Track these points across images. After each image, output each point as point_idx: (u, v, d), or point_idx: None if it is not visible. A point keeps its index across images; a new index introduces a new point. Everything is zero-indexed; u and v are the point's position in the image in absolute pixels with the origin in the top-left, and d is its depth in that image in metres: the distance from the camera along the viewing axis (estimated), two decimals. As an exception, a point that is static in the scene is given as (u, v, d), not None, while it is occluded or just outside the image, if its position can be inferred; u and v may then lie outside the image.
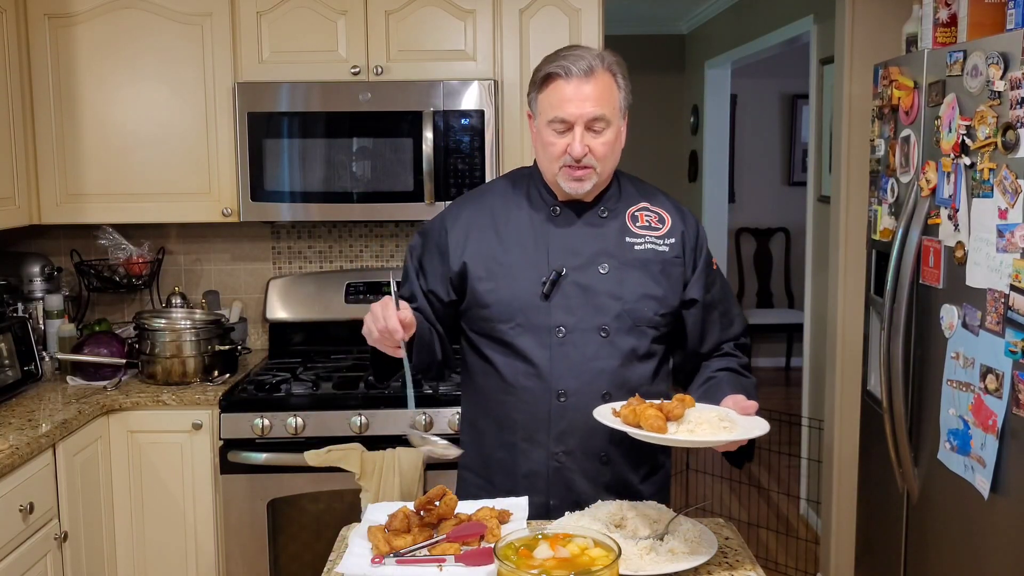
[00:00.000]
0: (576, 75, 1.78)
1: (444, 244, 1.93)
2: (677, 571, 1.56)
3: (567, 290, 1.86)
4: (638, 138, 7.05)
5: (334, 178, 3.10)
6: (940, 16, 2.54)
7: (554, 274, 1.85)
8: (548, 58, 1.84)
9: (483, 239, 1.91)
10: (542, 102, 1.83)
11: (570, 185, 1.84)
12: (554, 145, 1.82)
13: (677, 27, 7.16)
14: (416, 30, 3.11)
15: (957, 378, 2.28)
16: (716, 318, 1.97)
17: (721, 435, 1.60)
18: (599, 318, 1.86)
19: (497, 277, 1.88)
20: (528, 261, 1.88)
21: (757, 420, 1.69)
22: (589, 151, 1.80)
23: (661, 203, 1.97)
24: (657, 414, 1.61)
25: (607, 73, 1.81)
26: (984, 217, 2.16)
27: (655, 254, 1.90)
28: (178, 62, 3.09)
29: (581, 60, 1.79)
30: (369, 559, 1.59)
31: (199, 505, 2.93)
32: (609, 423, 1.64)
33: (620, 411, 1.68)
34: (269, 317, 3.43)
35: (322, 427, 2.86)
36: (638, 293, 1.87)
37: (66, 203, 3.13)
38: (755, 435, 1.62)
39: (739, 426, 1.65)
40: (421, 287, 1.96)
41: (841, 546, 3.69)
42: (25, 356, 2.93)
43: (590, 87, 1.78)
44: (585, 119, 1.78)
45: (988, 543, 2.21)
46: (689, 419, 1.63)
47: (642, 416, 1.61)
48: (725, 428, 1.62)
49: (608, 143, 1.82)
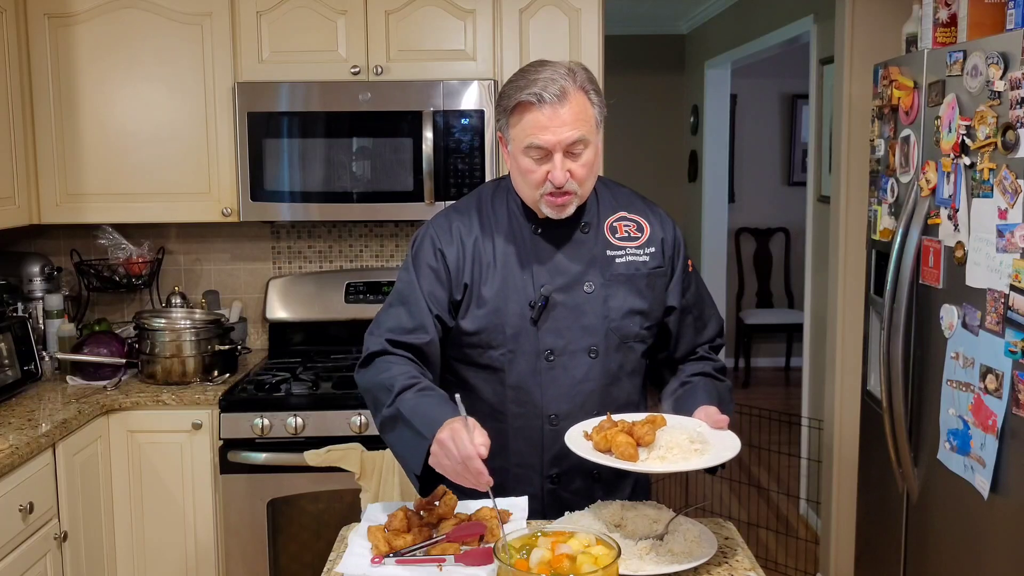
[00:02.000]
0: (549, 101, 1.69)
1: (442, 267, 1.83)
2: (677, 571, 1.56)
3: (555, 313, 1.81)
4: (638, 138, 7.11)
5: (334, 178, 3.10)
6: (940, 16, 2.54)
7: (542, 300, 1.80)
8: (515, 82, 1.75)
9: (475, 262, 1.84)
10: (515, 129, 1.75)
11: (552, 212, 1.79)
12: (533, 173, 1.74)
13: (677, 27, 7.16)
14: (416, 30, 3.11)
15: (957, 378, 2.28)
16: (691, 322, 1.94)
17: (692, 461, 1.57)
18: (588, 339, 1.83)
19: (486, 303, 1.82)
20: (515, 285, 1.82)
21: (729, 437, 1.67)
22: (570, 175, 1.73)
23: (638, 210, 1.92)
24: (628, 440, 1.58)
25: (580, 92, 1.73)
26: (984, 217, 2.16)
27: (637, 266, 1.86)
28: (178, 62, 3.09)
29: (552, 84, 1.70)
30: (369, 559, 1.59)
31: (199, 505, 2.93)
32: (583, 454, 1.60)
33: (592, 435, 1.65)
34: (269, 317, 3.43)
35: (322, 427, 2.86)
36: (623, 310, 1.84)
37: (66, 203, 3.13)
38: (726, 458, 1.59)
39: (711, 445, 1.62)
40: (431, 314, 1.81)
41: (841, 546, 3.69)
42: (25, 356, 2.93)
43: (565, 111, 1.70)
44: (564, 145, 1.71)
45: (988, 543, 2.21)
46: (660, 443, 1.61)
47: (613, 442, 1.59)
48: (696, 451, 1.59)
49: (588, 164, 1.76)
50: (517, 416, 1.84)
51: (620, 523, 1.67)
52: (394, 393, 1.71)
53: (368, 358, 1.81)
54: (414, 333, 1.80)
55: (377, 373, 1.78)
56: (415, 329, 1.80)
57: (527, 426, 1.84)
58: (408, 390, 1.71)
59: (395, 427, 1.71)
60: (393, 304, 1.85)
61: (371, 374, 1.79)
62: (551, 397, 1.82)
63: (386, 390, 1.73)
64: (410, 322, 1.81)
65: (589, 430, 1.68)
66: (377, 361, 1.79)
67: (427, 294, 1.82)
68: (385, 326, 1.82)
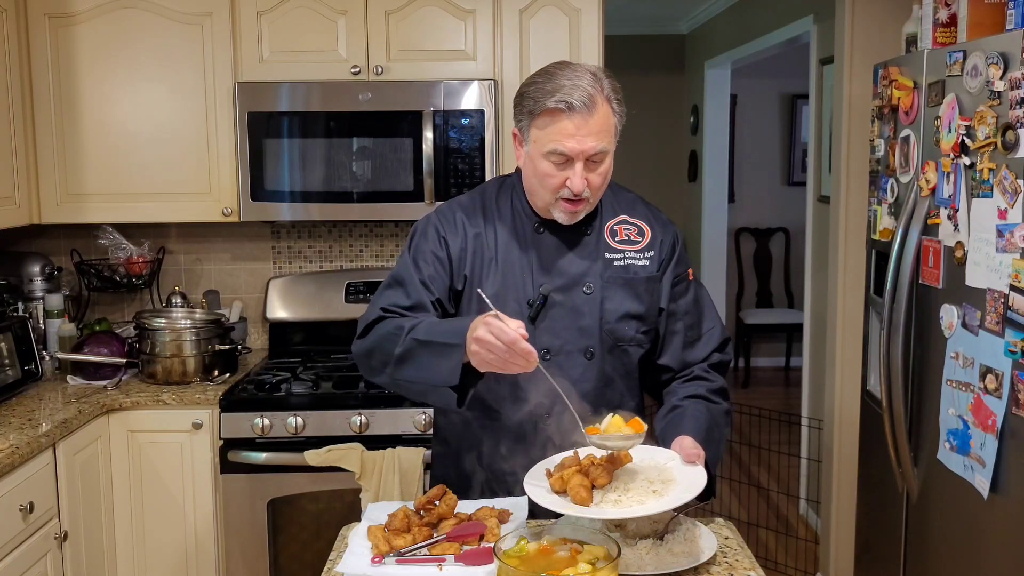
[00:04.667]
0: (578, 109, 1.68)
1: (444, 254, 1.84)
2: (677, 571, 1.56)
3: (553, 312, 1.82)
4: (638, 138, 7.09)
5: (334, 178, 3.10)
6: (940, 16, 2.54)
7: (541, 299, 1.81)
8: (540, 85, 1.73)
9: (476, 256, 1.84)
10: (538, 132, 1.74)
11: (565, 217, 1.79)
12: (552, 177, 1.74)
13: (677, 27, 7.16)
14: (416, 30, 3.11)
15: (957, 378, 2.29)
16: (680, 330, 1.90)
17: (648, 505, 1.52)
18: (584, 340, 1.83)
19: (483, 299, 1.82)
20: (514, 283, 1.83)
21: (695, 474, 1.61)
22: (587, 184, 1.74)
23: (640, 214, 1.92)
24: (583, 483, 1.55)
25: (606, 103, 1.72)
26: (984, 217, 2.16)
27: (636, 270, 1.86)
28: (178, 62, 3.09)
29: (580, 91, 1.69)
30: (369, 559, 1.59)
31: (199, 505, 2.93)
32: (537, 499, 1.56)
33: (552, 474, 1.62)
34: (269, 317, 3.43)
35: (322, 427, 2.86)
36: (620, 312, 1.84)
37: (66, 203, 3.13)
38: (684, 500, 1.53)
39: (675, 484, 1.59)
40: (431, 295, 1.82)
41: (841, 546, 3.70)
42: (25, 356, 2.93)
43: (593, 121, 1.70)
44: (587, 155, 1.71)
45: (988, 543, 2.21)
46: (618, 484, 1.57)
47: (568, 484, 1.56)
48: (655, 492, 1.55)
49: (604, 173, 1.77)
50: (511, 414, 1.84)
51: (620, 523, 1.67)
52: (404, 334, 1.69)
53: (365, 328, 1.80)
54: (413, 311, 1.78)
55: (380, 328, 1.76)
56: (413, 307, 1.79)
57: (517, 423, 1.84)
58: (419, 326, 1.69)
59: (413, 357, 1.68)
60: (391, 285, 1.84)
61: (372, 334, 1.77)
62: (541, 395, 1.80)
63: (393, 336, 1.71)
64: (407, 301, 1.80)
65: (551, 467, 1.65)
66: (376, 326, 1.78)
67: (427, 277, 1.81)
68: (380, 304, 1.82)
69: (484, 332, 1.54)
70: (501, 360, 1.54)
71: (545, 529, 1.52)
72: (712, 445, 1.76)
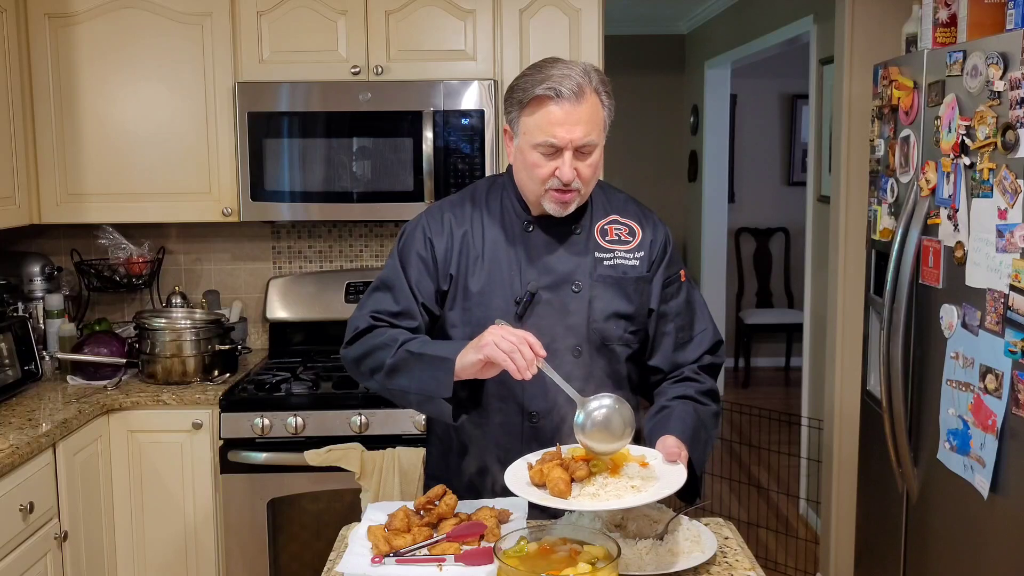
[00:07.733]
0: (567, 97, 1.70)
1: (430, 257, 1.85)
2: (677, 571, 1.56)
3: (540, 310, 1.81)
4: (638, 138, 7.11)
5: (334, 178, 3.10)
6: (940, 16, 2.54)
7: (528, 295, 1.81)
8: (530, 76, 1.75)
9: (462, 254, 1.85)
10: (527, 123, 1.75)
11: (555, 208, 1.79)
12: (541, 168, 1.75)
13: (677, 27, 7.16)
14: (416, 30, 3.11)
15: (957, 378, 2.29)
16: (671, 331, 1.89)
17: (625, 499, 1.53)
18: (572, 338, 1.82)
19: (471, 297, 1.83)
20: (502, 280, 1.83)
21: (676, 472, 1.61)
22: (577, 175, 1.74)
23: (631, 215, 1.92)
24: (562, 476, 1.56)
25: (594, 94, 1.74)
26: (984, 217, 2.16)
27: (625, 270, 1.86)
28: (178, 62, 3.09)
29: (569, 80, 1.71)
30: (369, 559, 1.59)
31: (199, 505, 2.93)
32: (516, 490, 1.58)
33: (534, 467, 1.62)
34: (269, 317, 3.43)
35: (322, 427, 2.86)
36: (607, 312, 1.83)
37: (66, 203, 3.13)
38: (661, 495, 1.54)
39: (654, 481, 1.59)
40: (417, 301, 1.84)
41: (841, 546, 3.70)
42: (25, 356, 2.93)
43: (581, 110, 1.71)
44: (575, 144, 1.72)
45: (988, 543, 2.21)
46: (596, 478, 1.58)
47: (548, 477, 1.57)
48: (633, 488, 1.55)
49: (594, 165, 1.77)
50: (498, 412, 1.84)
51: (620, 523, 1.67)
52: (397, 346, 1.74)
53: (355, 336, 1.82)
54: (401, 318, 1.82)
55: (371, 339, 1.79)
56: (401, 314, 1.82)
57: (508, 422, 1.84)
58: (411, 340, 1.74)
59: (406, 368, 1.73)
60: (378, 288, 1.86)
61: (363, 343, 1.80)
62: (532, 394, 1.81)
63: (386, 347, 1.75)
64: (395, 307, 1.83)
65: (534, 461, 1.65)
66: (367, 336, 1.81)
67: (414, 282, 1.84)
68: (369, 308, 1.84)
69: (495, 327, 1.62)
70: (510, 349, 1.58)
71: (545, 529, 1.52)
72: (698, 446, 1.75)
